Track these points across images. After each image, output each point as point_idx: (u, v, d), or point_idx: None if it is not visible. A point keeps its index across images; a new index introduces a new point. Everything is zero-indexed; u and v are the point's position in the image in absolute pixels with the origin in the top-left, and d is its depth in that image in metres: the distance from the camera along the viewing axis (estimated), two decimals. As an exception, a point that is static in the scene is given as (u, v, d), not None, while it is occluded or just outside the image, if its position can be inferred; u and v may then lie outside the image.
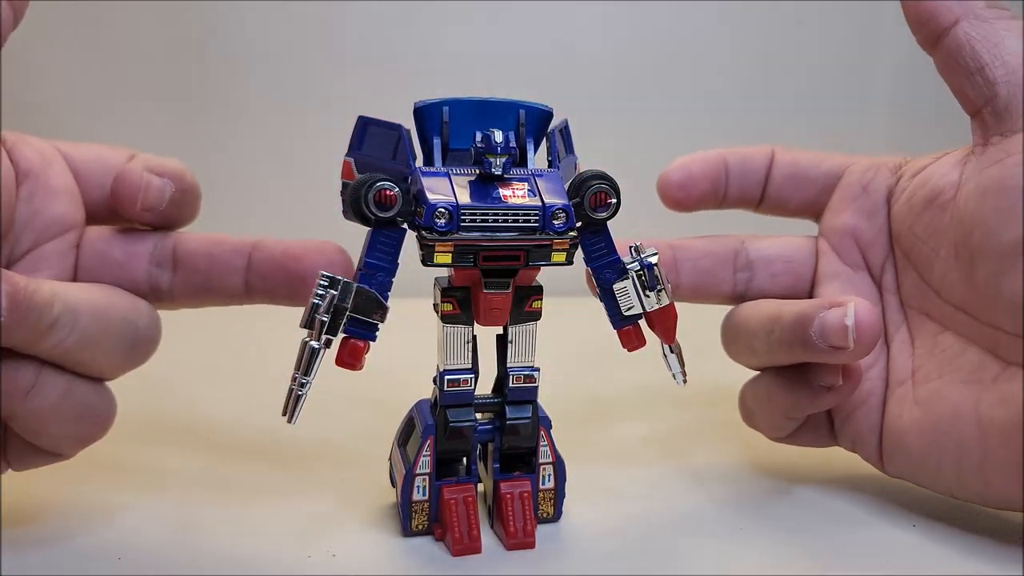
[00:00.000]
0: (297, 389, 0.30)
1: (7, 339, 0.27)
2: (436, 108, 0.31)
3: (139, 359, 0.32)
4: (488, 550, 0.32)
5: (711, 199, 0.40)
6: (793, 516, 0.36)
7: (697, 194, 0.39)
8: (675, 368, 0.34)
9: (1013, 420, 0.31)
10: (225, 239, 0.33)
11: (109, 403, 0.32)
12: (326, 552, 0.32)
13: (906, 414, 0.34)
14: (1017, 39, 0.32)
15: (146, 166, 0.33)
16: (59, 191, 0.33)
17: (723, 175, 0.39)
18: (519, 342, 0.33)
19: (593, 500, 0.36)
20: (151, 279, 0.33)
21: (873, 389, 0.36)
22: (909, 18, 0.34)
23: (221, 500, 0.36)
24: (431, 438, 0.33)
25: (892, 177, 0.37)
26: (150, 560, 0.31)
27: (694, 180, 0.39)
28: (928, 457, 0.34)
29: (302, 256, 0.32)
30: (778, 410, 0.36)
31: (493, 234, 0.30)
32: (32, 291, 0.27)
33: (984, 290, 0.32)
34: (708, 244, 0.39)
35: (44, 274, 0.32)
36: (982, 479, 0.32)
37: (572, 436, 0.36)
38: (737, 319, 0.38)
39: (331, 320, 0.30)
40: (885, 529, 0.34)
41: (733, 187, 0.40)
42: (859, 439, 0.36)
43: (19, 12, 0.29)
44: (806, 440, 0.38)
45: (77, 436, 0.31)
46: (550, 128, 0.33)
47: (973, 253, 0.32)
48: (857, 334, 0.32)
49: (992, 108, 0.32)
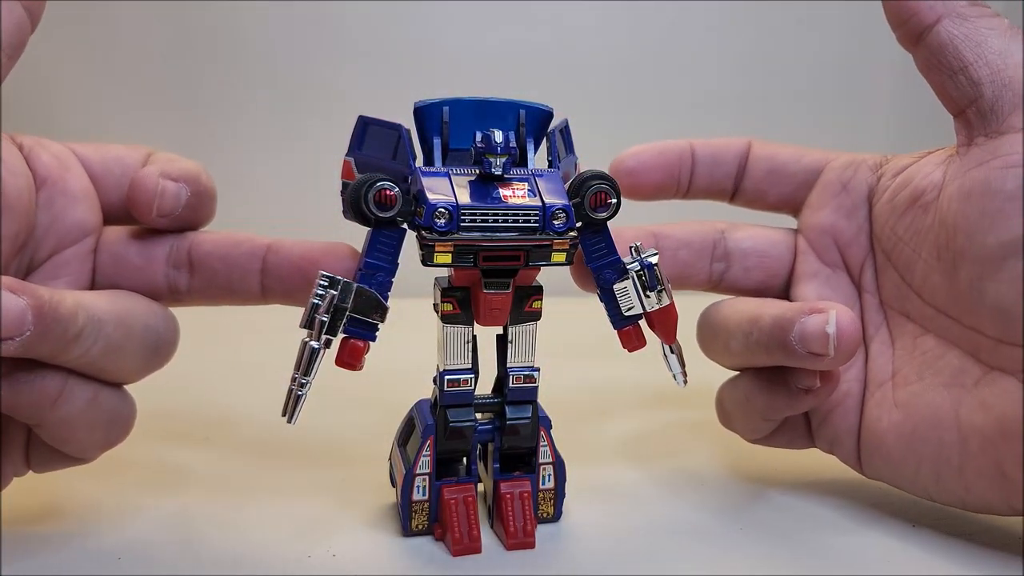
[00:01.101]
0: (297, 389, 0.30)
1: (34, 351, 0.27)
2: (436, 108, 0.31)
3: (160, 363, 0.33)
4: (488, 550, 0.32)
5: (668, 189, 0.39)
6: (794, 517, 0.36)
7: (648, 182, 0.38)
8: (675, 368, 0.34)
9: (993, 426, 0.30)
10: (240, 241, 0.33)
11: (131, 407, 0.32)
12: (326, 552, 0.32)
13: (885, 417, 0.34)
14: (1000, 38, 0.31)
15: (162, 170, 0.32)
16: (77, 196, 0.33)
17: (684, 165, 0.38)
18: (519, 342, 0.33)
19: (593, 500, 0.36)
20: (169, 281, 0.33)
21: (850, 390, 0.36)
22: (889, 15, 0.34)
23: (221, 500, 0.36)
24: (431, 438, 0.33)
25: (873, 175, 0.37)
26: (150, 560, 0.31)
27: (645, 168, 0.38)
28: (907, 461, 0.33)
29: (319, 259, 0.32)
30: (755, 412, 0.36)
31: (493, 234, 0.30)
32: (57, 303, 0.27)
33: (967, 293, 0.31)
34: (688, 233, 0.38)
35: (64, 280, 0.32)
36: (961, 484, 0.32)
37: (572, 436, 0.36)
38: (714, 318, 0.37)
39: (331, 320, 0.30)
40: (898, 532, 0.34)
41: (700, 178, 0.39)
42: (836, 441, 0.36)
43: (36, 15, 0.29)
44: (783, 442, 0.37)
45: (103, 441, 0.31)
46: (550, 128, 0.33)
47: (956, 256, 0.32)
48: (838, 342, 0.31)
49: (976, 108, 0.32)
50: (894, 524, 0.35)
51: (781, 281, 0.38)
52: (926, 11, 0.32)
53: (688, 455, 0.42)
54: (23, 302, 0.26)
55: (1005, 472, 0.30)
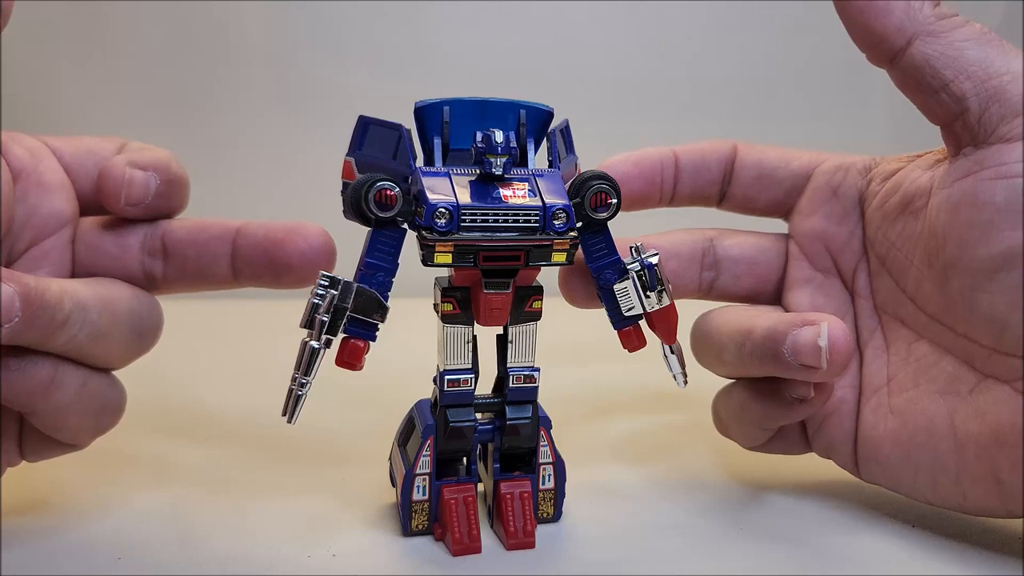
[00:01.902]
0: (297, 389, 0.30)
1: (23, 338, 0.27)
2: (437, 108, 0.31)
3: (146, 347, 0.33)
4: (488, 550, 0.32)
5: (650, 198, 0.38)
6: (793, 517, 0.36)
7: (628, 193, 0.36)
8: (675, 369, 0.34)
9: (988, 434, 0.31)
10: (209, 225, 0.34)
11: (120, 392, 0.33)
12: (326, 552, 0.32)
13: (881, 424, 0.34)
14: (977, 47, 0.30)
15: (130, 159, 0.33)
16: (53, 187, 0.33)
17: (666, 174, 0.38)
18: (519, 342, 0.33)
19: (593, 500, 0.36)
20: (145, 268, 0.33)
21: (845, 397, 0.35)
22: (856, 39, 0.32)
23: (221, 500, 0.36)
24: (431, 438, 0.33)
25: (862, 179, 0.36)
26: (150, 559, 0.31)
27: (626, 178, 0.36)
28: (904, 468, 0.33)
29: (284, 240, 0.32)
30: (750, 421, 0.36)
31: (493, 234, 0.30)
32: (43, 289, 0.27)
33: (959, 303, 0.31)
34: (677, 244, 0.38)
35: (45, 270, 0.32)
36: (959, 491, 0.32)
37: (572, 436, 0.36)
38: (705, 328, 0.37)
39: (331, 320, 0.30)
40: (897, 532, 0.34)
41: (684, 186, 0.38)
42: (832, 447, 0.36)
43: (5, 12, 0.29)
44: (780, 448, 0.37)
45: (95, 426, 0.32)
46: (551, 128, 0.33)
47: (946, 266, 0.31)
48: (830, 355, 0.31)
49: (963, 122, 0.31)
50: (893, 525, 0.35)
51: (772, 287, 0.38)
52: (895, 35, 0.31)
53: (688, 456, 0.42)
54: (11, 288, 0.26)
55: (1002, 479, 0.30)
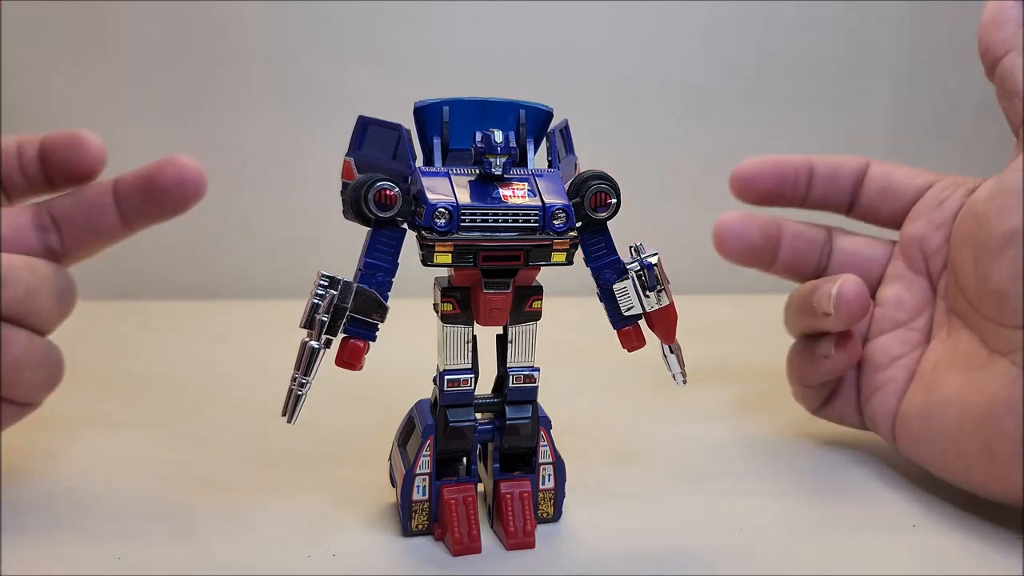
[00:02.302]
0: (297, 389, 0.30)
1: None
2: (436, 108, 0.31)
3: (68, 309, 0.36)
4: (488, 550, 0.32)
5: (781, 197, 0.43)
6: (793, 518, 0.36)
7: (757, 189, 0.43)
8: (675, 369, 0.34)
9: (984, 406, 0.32)
10: (89, 187, 0.37)
11: (59, 350, 0.35)
12: (326, 552, 0.32)
13: (916, 398, 0.37)
14: None
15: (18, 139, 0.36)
16: None
17: (799, 178, 0.43)
18: (519, 342, 0.33)
19: (593, 500, 0.36)
20: (43, 243, 0.36)
21: (895, 376, 0.38)
22: (978, 47, 0.38)
23: (221, 500, 0.36)
24: (431, 438, 0.33)
25: (966, 196, 0.39)
26: (150, 559, 0.31)
27: (759, 176, 0.43)
28: (923, 440, 0.36)
29: (155, 171, 0.36)
30: (796, 377, 0.42)
31: (493, 234, 0.30)
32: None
33: (980, 282, 0.34)
34: (804, 228, 0.43)
35: None
36: (962, 464, 0.34)
37: (572, 436, 0.36)
38: (789, 297, 0.43)
39: (331, 320, 0.30)
40: (897, 531, 0.34)
41: (817, 191, 0.43)
42: (874, 421, 0.39)
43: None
44: (836, 415, 0.42)
45: (47, 381, 0.34)
46: (550, 128, 0.33)
47: (977, 249, 0.34)
48: (837, 302, 0.37)
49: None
50: (894, 524, 0.35)
51: (872, 281, 0.42)
52: (997, 46, 0.36)
53: (688, 456, 0.42)
54: None
55: (992, 450, 0.32)
